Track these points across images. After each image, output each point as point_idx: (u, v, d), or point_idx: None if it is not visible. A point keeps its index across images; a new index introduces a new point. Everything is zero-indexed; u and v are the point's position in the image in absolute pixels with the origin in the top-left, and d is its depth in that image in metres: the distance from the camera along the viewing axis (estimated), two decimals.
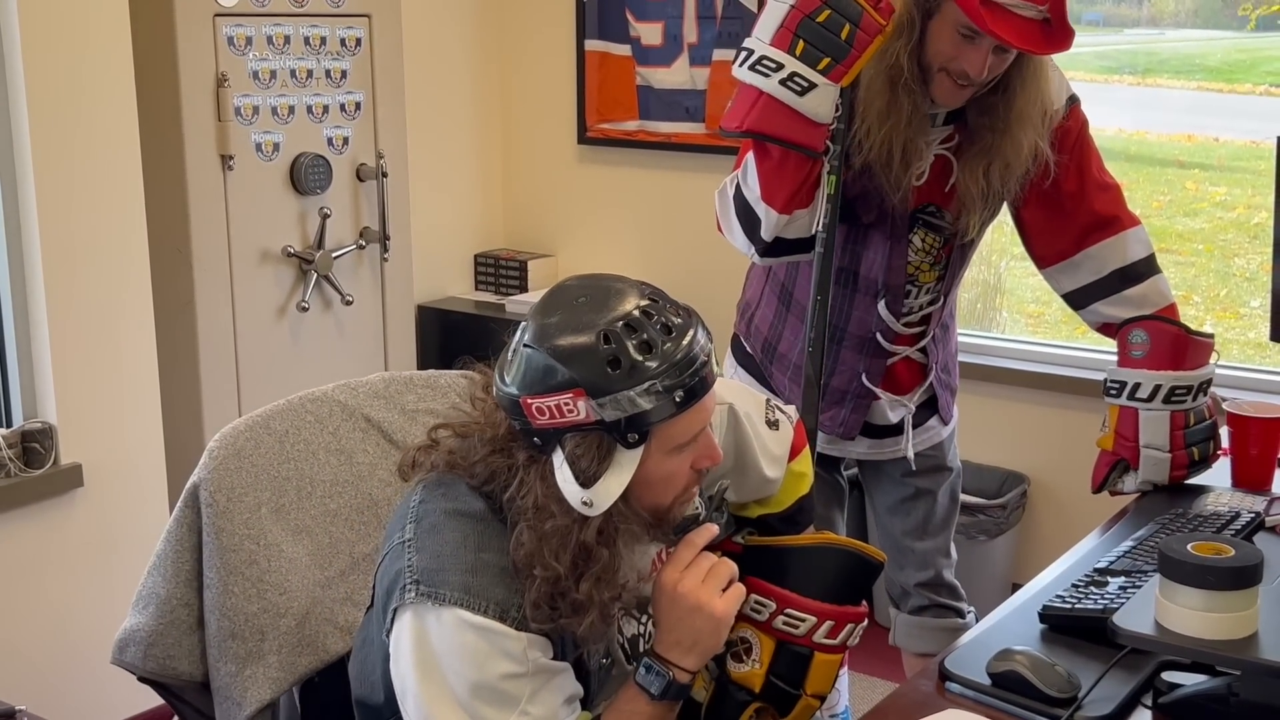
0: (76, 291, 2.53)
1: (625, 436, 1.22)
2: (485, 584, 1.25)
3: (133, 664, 1.54)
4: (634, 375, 1.20)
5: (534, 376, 1.22)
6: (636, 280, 1.29)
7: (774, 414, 1.50)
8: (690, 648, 1.32)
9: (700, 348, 1.25)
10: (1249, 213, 3.68)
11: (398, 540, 1.31)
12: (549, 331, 1.22)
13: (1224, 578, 1.29)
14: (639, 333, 1.21)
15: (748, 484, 1.48)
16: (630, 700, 1.32)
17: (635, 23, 3.62)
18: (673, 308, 1.26)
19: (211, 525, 1.52)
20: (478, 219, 3.94)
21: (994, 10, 1.71)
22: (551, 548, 1.24)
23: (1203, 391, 2.00)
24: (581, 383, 1.20)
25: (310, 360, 3.07)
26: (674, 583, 1.31)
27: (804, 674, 1.38)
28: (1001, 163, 1.89)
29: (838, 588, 1.40)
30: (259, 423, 1.58)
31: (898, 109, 1.82)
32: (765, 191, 1.86)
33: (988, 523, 3.11)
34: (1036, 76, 1.86)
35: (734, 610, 1.33)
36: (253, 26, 2.87)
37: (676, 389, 1.21)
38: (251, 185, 2.91)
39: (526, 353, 1.23)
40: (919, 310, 2.05)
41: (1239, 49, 3.79)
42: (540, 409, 1.21)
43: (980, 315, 3.58)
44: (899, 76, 1.81)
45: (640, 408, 1.21)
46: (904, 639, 2.26)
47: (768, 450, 1.47)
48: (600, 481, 1.23)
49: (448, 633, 1.24)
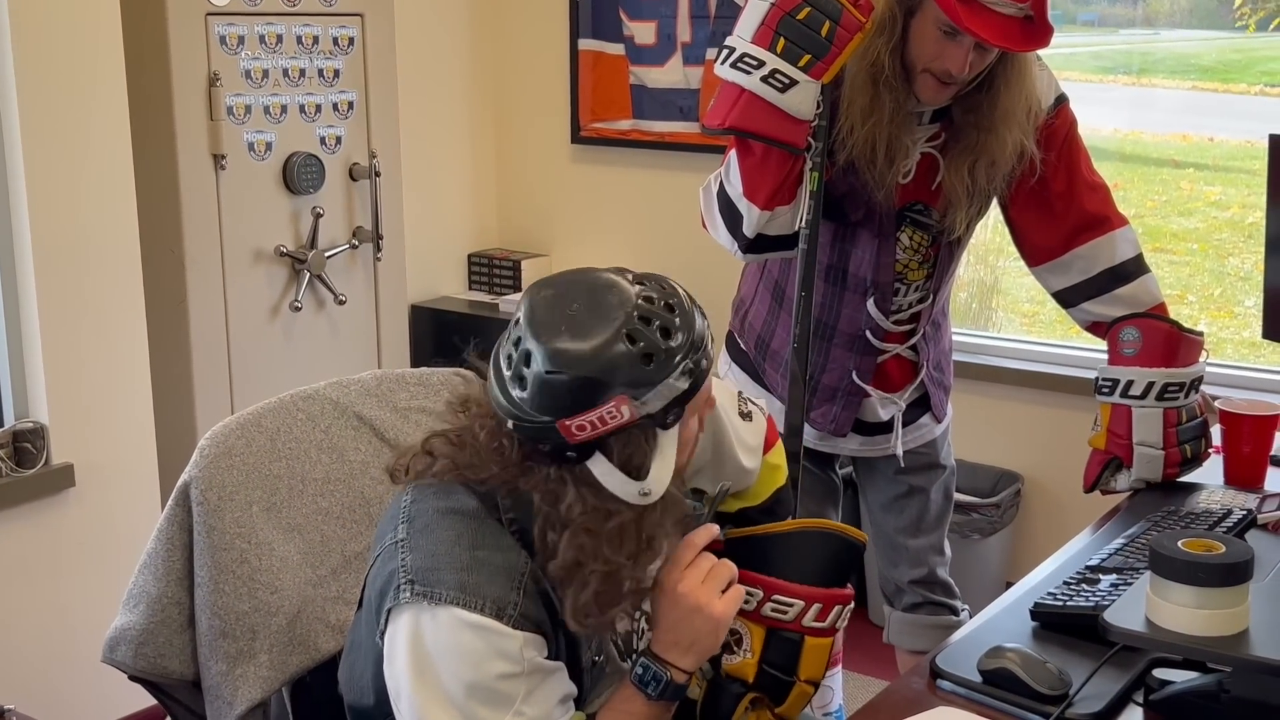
0: (68, 291, 2.52)
1: (665, 420, 1.23)
2: (481, 582, 1.24)
3: (123, 663, 1.54)
4: (667, 362, 1.21)
5: (567, 400, 1.20)
6: (599, 268, 1.28)
7: (746, 405, 1.51)
8: (689, 648, 1.32)
9: (693, 305, 1.27)
10: (1244, 212, 3.69)
11: (390, 541, 1.31)
12: (568, 352, 1.19)
13: (1215, 575, 1.29)
14: (653, 320, 1.22)
15: (724, 475, 1.49)
16: (626, 700, 1.32)
17: (629, 22, 3.62)
18: (652, 281, 1.27)
19: (202, 524, 1.51)
20: (471, 218, 3.93)
21: (973, 8, 1.72)
22: (614, 545, 1.24)
23: (1194, 389, 2.00)
24: (623, 388, 1.19)
25: (303, 360, 3.07)
26: (674, 583, 1.31)
27: (796, 659, 1.39)
28: (987, 161, 1.89)
29: (822, 570, 1.41)
30: (250, 421, 1.57)
31: (880, 107, 1.83)
32: (747, 188, 1.87)
33: (982, 521, 3.12)
34: (1022, 74, 1.86)
35: (733, 612, 1.33)
36: (245, 25, 2.86)
37: (700, 357, 1.24)
38: (244, 184, 2.91)
39: (549, 379, 1.20)
40: (908, 308, 2.05)
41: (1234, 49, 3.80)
42: (580, 426, 1.20)
43: (976, 315, 3.59)
44: (880, 74, 1.82)
45: (679, 390, 1.22)
46: (898, 636, 2.26)
47: (743, 440, 1.48)
48: (652, 470, 1.23)
49: (443, 632, 1.23)
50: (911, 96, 1.86)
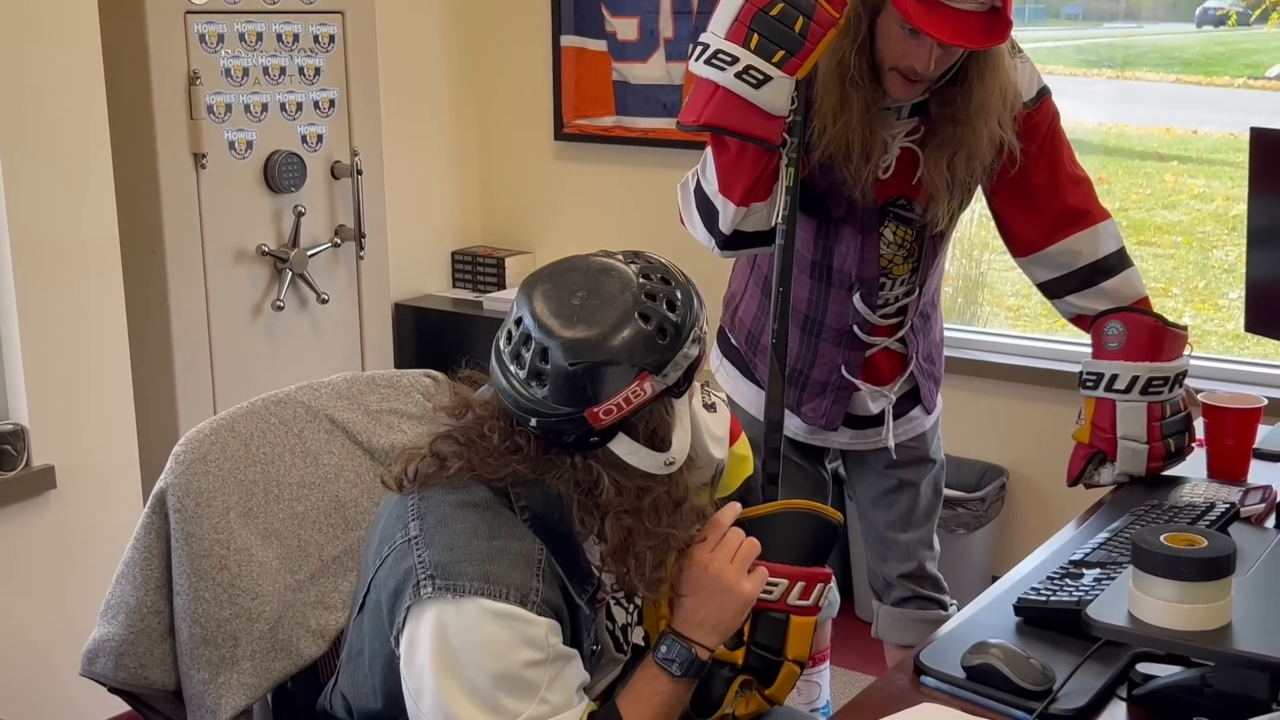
0: (48, 292, 2.50)
1: (680, 389, 1.27)
2: (503, 570, 1.25)
3: (103, 675, 1.52)
4: (679, 334, 1.25)
5: (592, 389, 1.22)
6: (584, 254, 1.31)
7: (709, 397, 1.53)
8: (714, 627, 1.35)
9: (682, 273, 1.31)
10: (1227, 204, 3.69)
11: (401, 540, 1.30)
12: (586, 341, 1.22)
13: (1197, 569, 1.29)
14: (657, 295, 1.25)
15: (694, 465, 1.49)
16: (650, 681, 1.34)
17: (611, 18, 3.60)
18: (641, 257, 1.30)
19: (180, 531, 1.50)
20: (454, 216, 3.92)
21: (929, 7, 1.72)
22: (654, 518, 1.28)
23: (1179, 383, 2.00)
24: (645, 365, 1.23)
25: (286, 359, 3.05)
26: (705, 563, 1.35)
27: (783, 639, 1.41)
28: (965, 154, 1.89)
29: (803, 550, 1.44)
30: (224, 426, 1.56)
31: (849, 106, 1.83)
32: (723, 184, 1.87)
33: (967, 516, 3.12)
34: (995, 67, 1.86)
35: (758, 592, 1.37)
36: (224, 24, 2.84)
37: (702, 322, 1.29)
38: (225, 183, 2.89)
39: (572, 371, 1.22)
40: (894, 302, 2.05)
41: (1216, 42, 3.80)
42: (607, 411, 1.23)
43: (961, 309, 3.59)
44: (846, 73, 1.83)
45: (692, 357, 1.26)
46: (886, 631, 2.26)
47: (710, 431, 1.49)
48: (675, 439, 1.28)
49: (468, 624, 1.23)
50: (883, 93, 1.86)
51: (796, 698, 2.40)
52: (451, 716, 1.23)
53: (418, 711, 1.26)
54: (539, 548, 1.28)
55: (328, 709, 1.49)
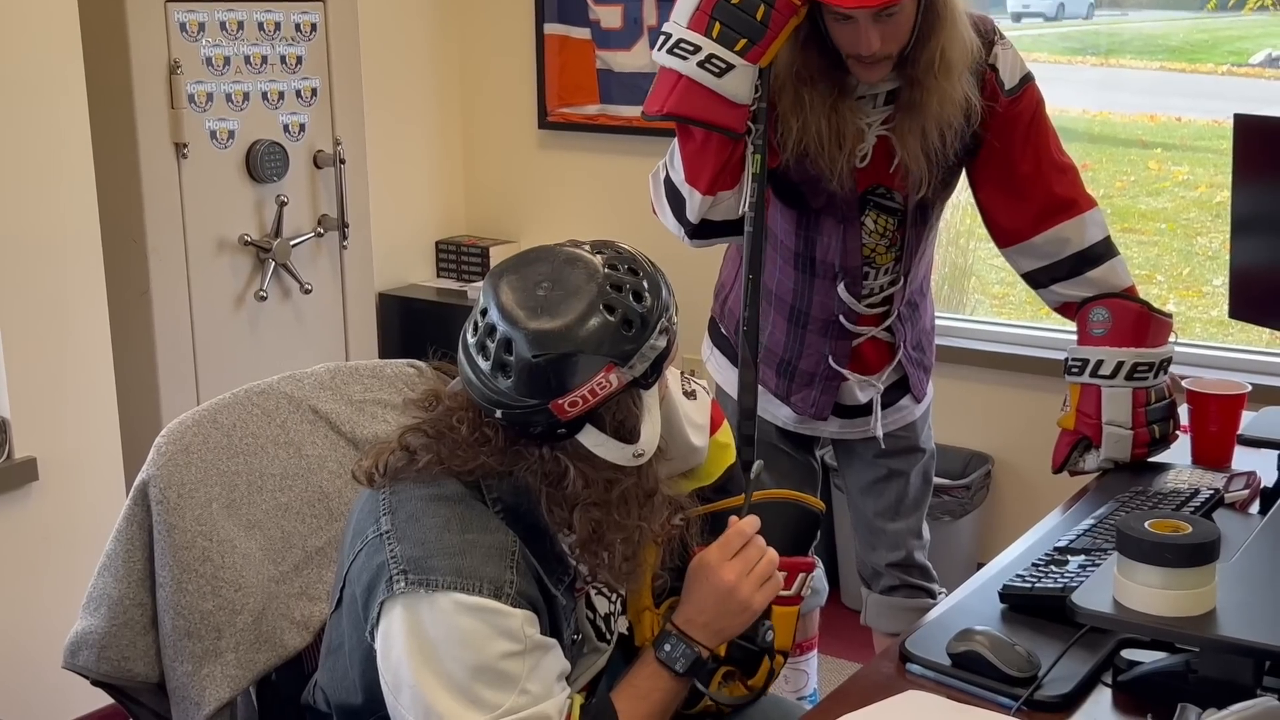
0: (28, 282, 2.48)
1: (649, 380, 1.25)
2: (475, 564, 1.24)
3: (86, 668, 1.51)
4: (645, 325, 1.24)
5: (556, 380, 1.21)
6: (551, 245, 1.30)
7: (690, 384, 1.52)
8: (717, 631, 1.36)
9: (650, 263, 1.30)
10: (1211, 191, 3.71)
11: (373, 534, 1.29)
12: (550, 333, 1.20)
13: (1181, 555, 1.29)
14: (624, 286, 1.24)
15: (674, 453, 1.48)
16: (650, 678, 1.35)
17: (594, 5, 3.59)
18: (609, 247, 1.29)
19: (162, 522, 1.48)
20: (438, 205, 3.90)
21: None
22: (623, 510, 1.27)
23: (1163, 369, 2.00)
24: (610, 357, 1.21)
25: (270, 350, 3.03)
26: (720, 571, 1.35)
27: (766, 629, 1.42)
28: (932, 116, 1.86)
29: (786, 539, 1.44)
30: (206, 417, 1.55)
31: (804, 103, 1.84)
32: (689, 173, 1.87)
33: (952, 503, 3.12)
34: (943, 23, 1.82)
35: (766, 604, 1.38)
36: (205, 12, 2.82)
37: (671, 313, 1.27)
38: (206, 173, 2.87)
39: (535, 362, 1.20)
40: (880, 291, 2.05)
41: (1200, 29, 3.81)
42: (572, 403, 1.22)
43: (949, 297, 3.59)
44: (794, 70, 1.83)
45: (659, 348, 1.25)
46: (875, 619, 2.27)
47: (690, 419, 1.49)
48: (643, 431, 1.26)
49: (443, 618, 1.22)
50: (853, 83, 1.85)
51: (784, 686, 2.40)
52: (431, 710, 1.23)
53: (397, 706, 1.26)
54: (512, 539, 1.28)
55: (311, 703, 1.48)
